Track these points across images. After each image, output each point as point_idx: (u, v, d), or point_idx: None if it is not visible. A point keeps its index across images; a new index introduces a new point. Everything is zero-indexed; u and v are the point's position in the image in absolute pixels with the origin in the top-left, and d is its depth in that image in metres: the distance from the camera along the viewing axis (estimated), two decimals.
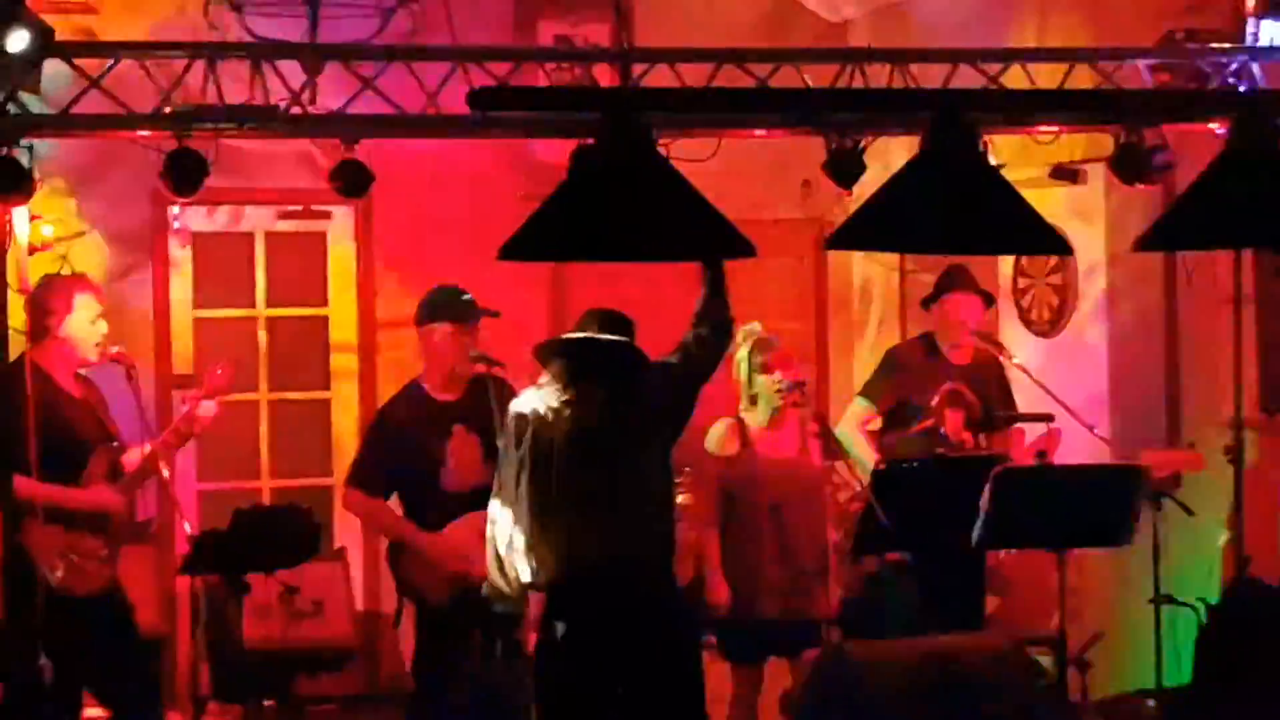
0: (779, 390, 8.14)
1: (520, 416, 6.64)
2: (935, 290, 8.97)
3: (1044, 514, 7.85)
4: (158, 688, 7.97)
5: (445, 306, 8.02)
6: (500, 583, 6.69)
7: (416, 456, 7.95)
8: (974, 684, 7.49)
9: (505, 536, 6.53)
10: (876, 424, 8.94)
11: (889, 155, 8.10)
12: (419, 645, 8.07)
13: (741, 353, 8.18)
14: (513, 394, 7.93)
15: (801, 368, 8.51)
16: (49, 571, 7.28)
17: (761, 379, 8.16)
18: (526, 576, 6.64)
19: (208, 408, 7.69)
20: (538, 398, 6.67)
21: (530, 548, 6.59)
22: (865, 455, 8.59)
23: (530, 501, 6.41)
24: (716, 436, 8.16)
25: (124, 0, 9.87)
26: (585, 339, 6.77)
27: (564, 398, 6.62)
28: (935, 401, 8.73)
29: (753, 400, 8.22)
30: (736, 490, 8.17)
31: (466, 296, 8.04)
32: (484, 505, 7.72)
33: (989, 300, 9.09)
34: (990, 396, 8.86)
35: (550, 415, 6.52)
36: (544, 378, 6.79)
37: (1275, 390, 9.28)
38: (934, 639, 7.98)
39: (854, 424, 8.87)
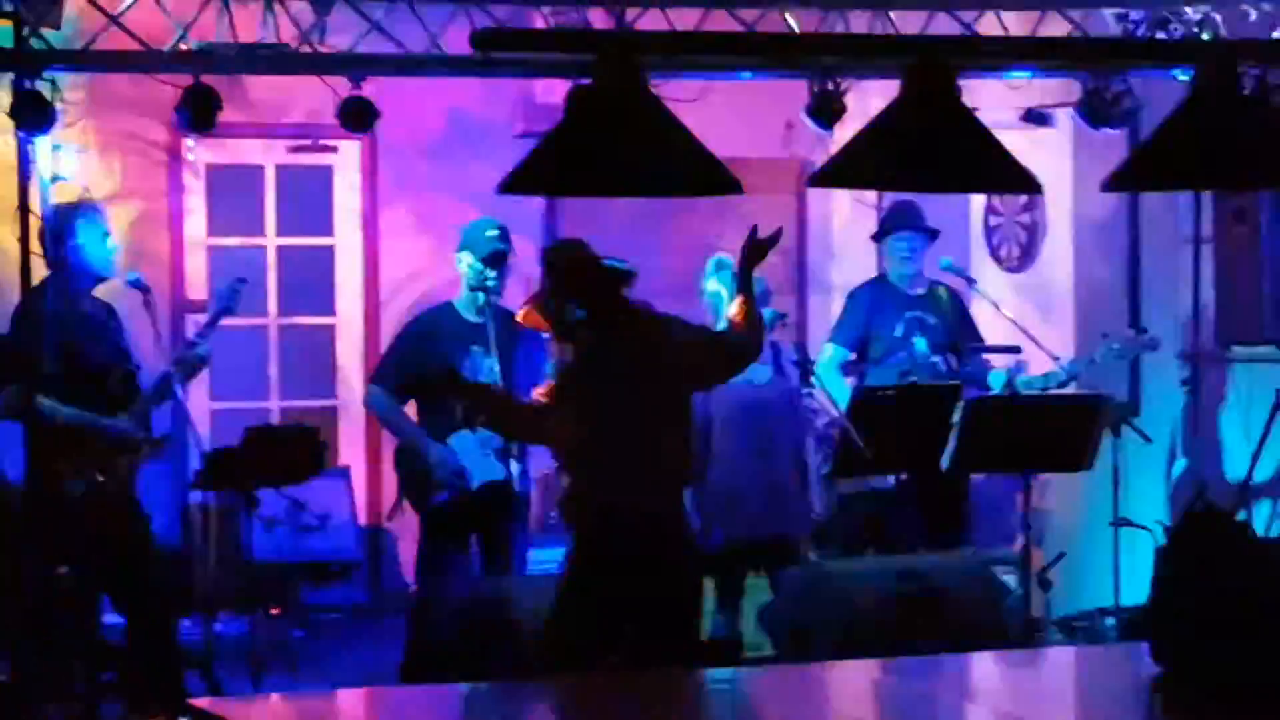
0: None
1: (566, 345, 6.55)
2: (880, 228, 8.96)
3: (1010, 440, 7.87)
4: (170, 595, 7.99)
5: (470, 239, 8.05)
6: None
7: (434, 366, 8.01)
8: (942, 600, 7.52)
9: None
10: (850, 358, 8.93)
11: (868, 99, 8.09)
12: (420, 550, 8.14)
13: (714, 285, 8.15)
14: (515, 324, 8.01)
15: (781, 301, 8.50)
16: (69, 485, 7.28)
17: None
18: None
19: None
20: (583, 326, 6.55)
21: (567, 469, 6.55)
22: (842, 392, 8.57)
23: (567, 427, 6.39)
24: None
25: None
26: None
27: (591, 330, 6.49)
28: (899, 332, 8.73)
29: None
30: (719, 415, 8.16)
31: (491, 233, 8.04)
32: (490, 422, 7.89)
33: (932, 235, 8.98)
34: (950, 324, 8.83)
35: (585, 345, 6.44)
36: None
37: (1230, 325, 9.30)
38: (905, 557, 8.01)
39: (829, 367, 8.83)
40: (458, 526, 8.02)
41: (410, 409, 8.21)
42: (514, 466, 7.93)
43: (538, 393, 6.66)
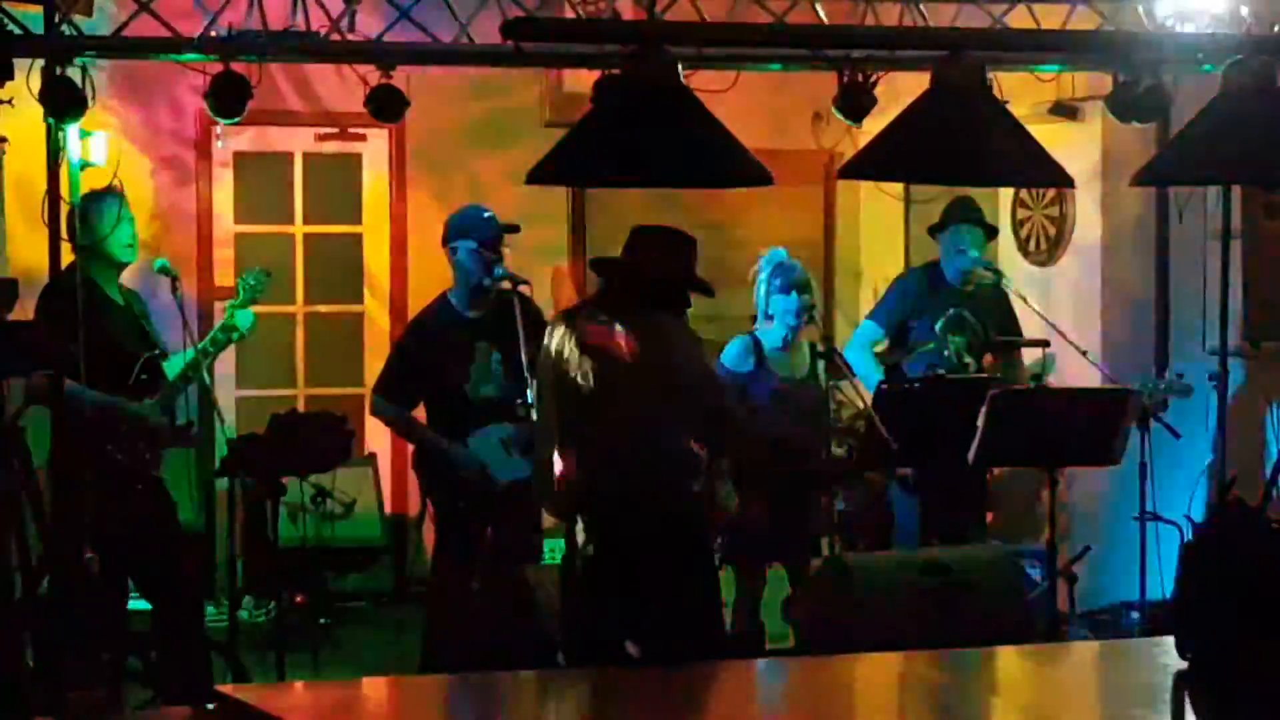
0: (792, 313, 8.12)
1: (547, 348, 6.57)
2: (941, 220, 8.93)
3: (1037, 434, 7.85)
4: (196, 581, 8.00)
5: (467, 224, 8.01)
6: (550, 497, 6.66)
7: (441, 368, 7.96)
8: (968, 593, 7.51)
9: (546, 454, 6.51)
10: (883, 346, 8.91)
11: (898, 91, 8.08)
12: (438, 545, 8.11)
13: (763, 275, 8.16)
14: (537, 311, 7.98)
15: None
16: (96, 470, 7.30)
17: (779, 300, 8.14)
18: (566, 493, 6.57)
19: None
20: (565, 325, 6.57)
21: (567, 468, 6.56)
22: (870, 376, 8.57)
23: (563, 425, 6.40)
24: (733, 353, 8.15)
25: None
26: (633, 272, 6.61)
27: (603, 323, 6.50)
28: (939, 325, 8.72)
29: (769, 320, 8.20)
30: (755, 405, 8.16)
31: (488, 214, 8.02)
32: (505, 417, 7.83)
33: (992, 232, 9.05)
34: (992, 322, 8.82)
35: (580, 343, 6.46)
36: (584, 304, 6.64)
37: (1259, 321, 9.28)
38: (931, 550, 8.00)
39: (861, 346, 8.84)
40: (478, 524, 7.98)
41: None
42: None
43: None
